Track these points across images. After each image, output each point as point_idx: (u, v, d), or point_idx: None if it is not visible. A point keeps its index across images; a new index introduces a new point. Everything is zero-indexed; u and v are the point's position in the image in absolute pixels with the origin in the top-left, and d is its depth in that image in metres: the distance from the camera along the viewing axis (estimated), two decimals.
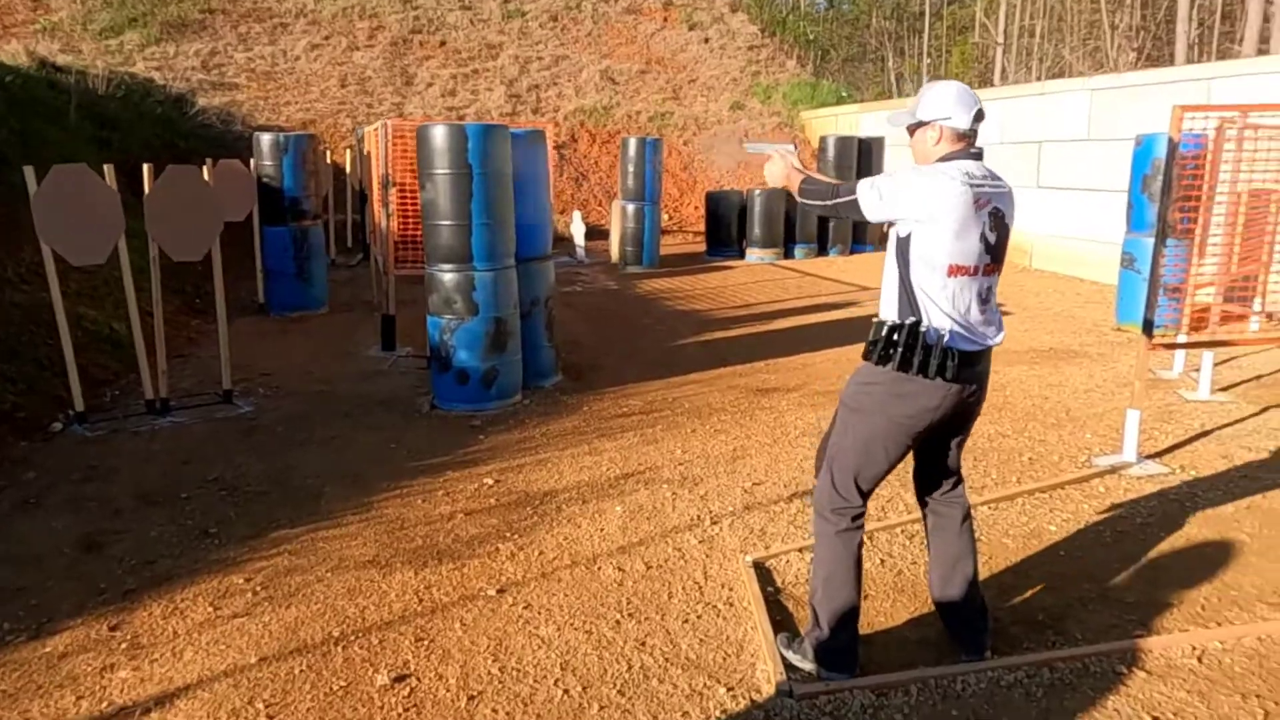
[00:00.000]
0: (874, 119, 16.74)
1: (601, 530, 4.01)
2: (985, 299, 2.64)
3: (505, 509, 4.26)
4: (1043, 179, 12.23)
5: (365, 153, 10.93)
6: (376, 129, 7.82)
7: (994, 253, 2.60)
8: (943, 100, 2.60)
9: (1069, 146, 11.85)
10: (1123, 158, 9.21)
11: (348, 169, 13.82)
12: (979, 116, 2.61)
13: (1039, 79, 21.47)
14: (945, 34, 30.81)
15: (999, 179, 2.63)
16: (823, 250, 13.73)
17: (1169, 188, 4.62)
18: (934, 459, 2.88)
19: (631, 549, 3.81)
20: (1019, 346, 7.75)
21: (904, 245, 2.59)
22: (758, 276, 12.02)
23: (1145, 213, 8.13)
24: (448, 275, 5.77)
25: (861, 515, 2.83)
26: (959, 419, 2.76)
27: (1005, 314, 9.44)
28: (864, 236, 14.04)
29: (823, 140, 13.88)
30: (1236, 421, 5.60)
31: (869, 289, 10.87)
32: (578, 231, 13.48)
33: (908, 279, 2.59)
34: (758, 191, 13.19)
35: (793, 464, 4.84)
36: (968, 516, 2.97)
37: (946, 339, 2.55)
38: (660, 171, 12.94)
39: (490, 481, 4.60)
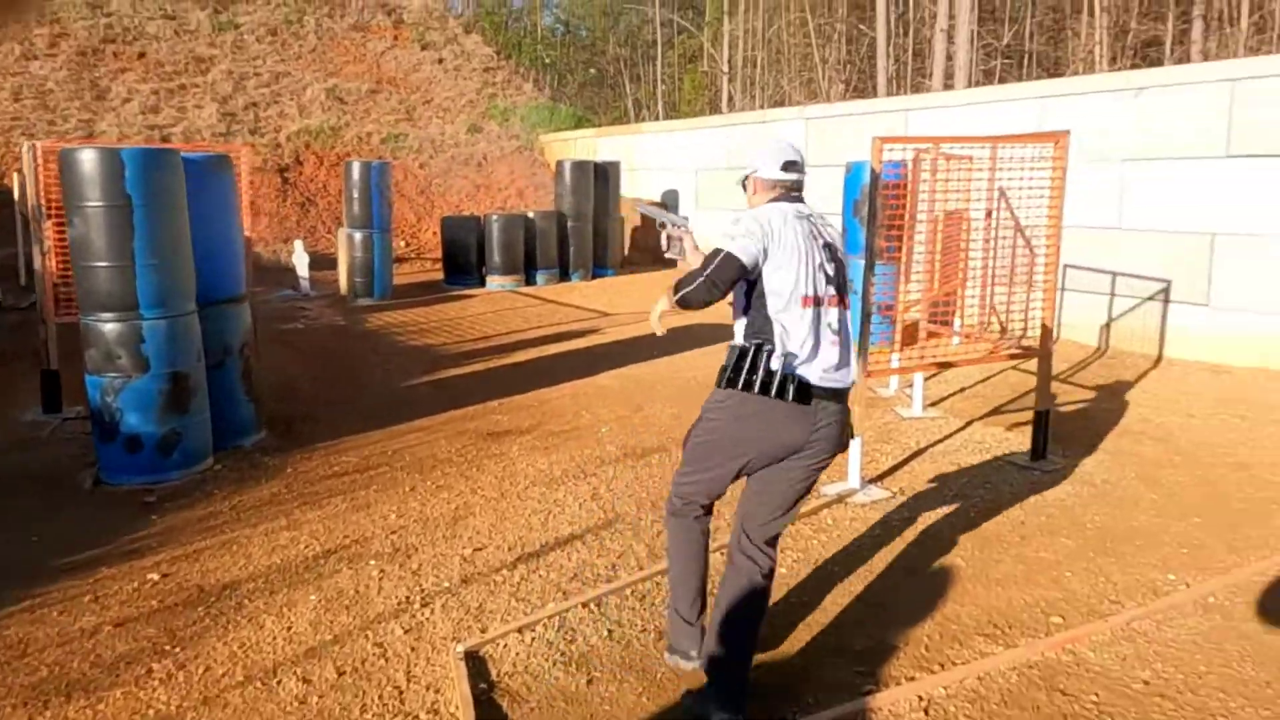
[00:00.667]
0: (611, 143, 16.89)
1: (289, 629, 3.39)
2: (837, 331, 2.75)
3: (170, 612, 3.53)
4: None
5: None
6: (26, 151, 6.63)
7: (836, 284, 2.76)
8: (756, 155, 2.88)
9: None
10: (837, 183, 9.65)
11: (16, 195, 11.91)
12: (788, 166, 2.82)
13: (762, 107, 22.71)
14: (677, 62, 32.01)
15: (824, 218, 2.85)
16: (565, 275, 13.55)
17: (874, 216, 4.70)
18: (767, 497, 2.81)
19: (323, 650, 3.23)
20: None
21: (755, 280, 2.70)
22: (498, 305, 11.59)
23: (858, 236, 8.53)
24: (108, 325, 4.87)
25: (704, 513, 2.96)
26: (802, 457, 2.72)
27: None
28: (605, 260, 14.02)
29: (559, 165, 13.72)
30: (946, 437, 5.86)
31: (610, 315, 10.77)
32: (300, 262, 12.42)
33: (763, 310, 2.69)
34: (495, 216, 12.78)
35: (519, 521, 4.44)
36: (770, 576, 2.85)
37: (791, 365, 2.65)
38: (389, 196, 12.21)
39: (156, 577, 3.83)
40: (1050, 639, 3.29)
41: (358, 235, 11.72)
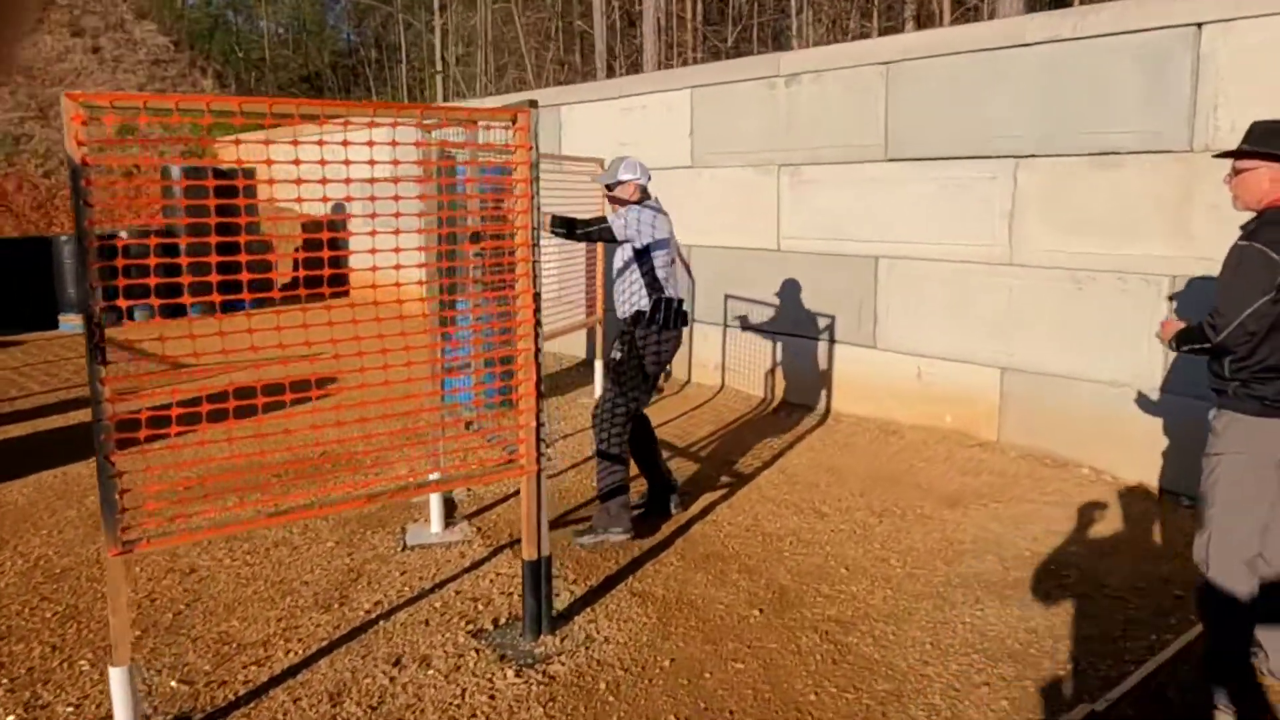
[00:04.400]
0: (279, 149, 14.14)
1: None
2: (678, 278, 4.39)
3: None
4: None
5: None
6: None
7: (676, 249, 4.36)
8: (632, 169, 4.15)
9: None
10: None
11: None
12: (649, 178, 4.23)
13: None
14: (425, 64, 29.53)
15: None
16: (178, 309, 10.72)
17: (81, 225, 2.45)
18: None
19: None
20: None
21: (644, 253, 4.08)
22: (42, 356, 8.69)
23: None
24: None
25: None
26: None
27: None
28: (237, 287, 11.30)
29: (164, 170, 10.87)
30: (440, 585, 3.74)
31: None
32: None
33: (652, 271, 4.10)
34: (66, 238, 9.86)
35: None
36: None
37: (676, 301, 4.21)
38: None
39: None
40: None
41: None
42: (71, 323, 9.97)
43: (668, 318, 4.12)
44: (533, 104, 3.01)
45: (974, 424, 5.73)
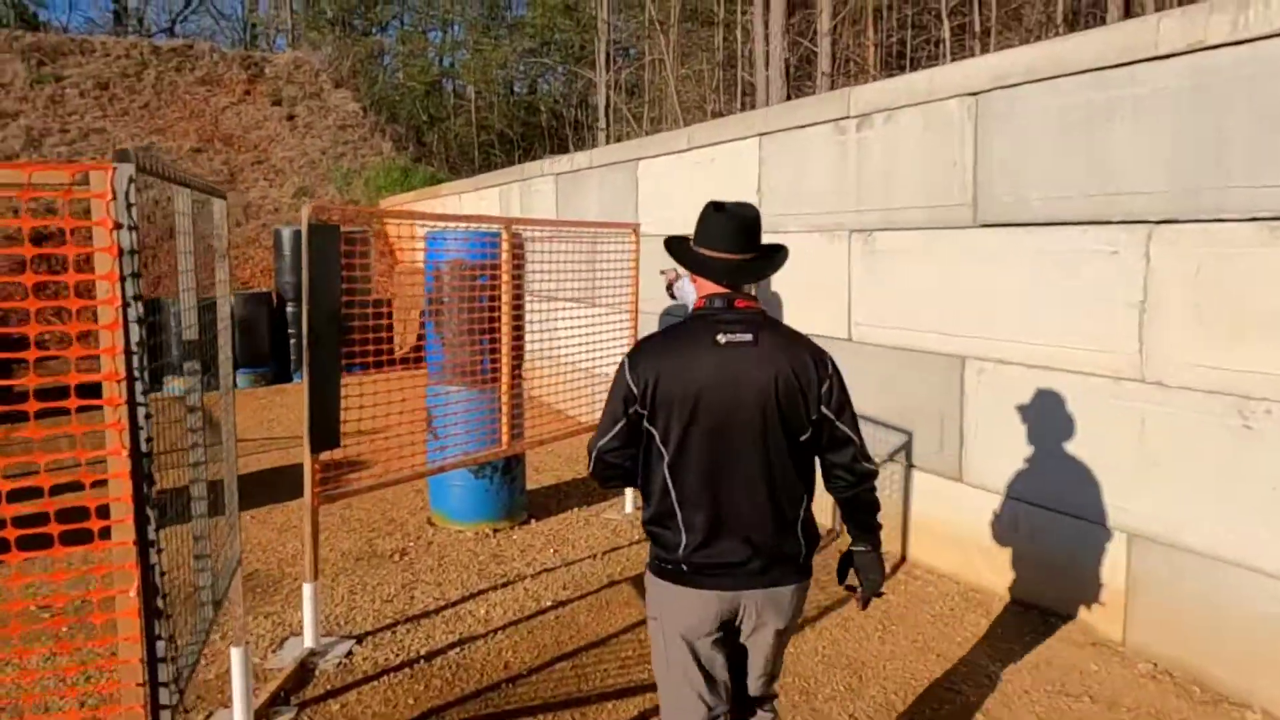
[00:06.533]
0: (421, 207, 14.02)
1: None
2: None
3: None
4: None
5: None
6: None
7: None
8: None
9: None
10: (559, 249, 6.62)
11: None
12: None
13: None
14: (611, 125, 29.64)
15: None
16: (284, 375, 10.54)
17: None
18: None
19: None
20: None
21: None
22: None
23: (436, 347, 5.49)
24: None
25: None
26: None
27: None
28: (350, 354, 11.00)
29: (277, 233, 10.81)
30: None
31: None
32: None
33: None
34: (172, 300, 9.90)
35: None
36: None
37: None
38: None
39: None
40: None
41: None
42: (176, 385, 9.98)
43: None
44: (122, 156, 1.90)
45: (1090, 610, 3.91)
